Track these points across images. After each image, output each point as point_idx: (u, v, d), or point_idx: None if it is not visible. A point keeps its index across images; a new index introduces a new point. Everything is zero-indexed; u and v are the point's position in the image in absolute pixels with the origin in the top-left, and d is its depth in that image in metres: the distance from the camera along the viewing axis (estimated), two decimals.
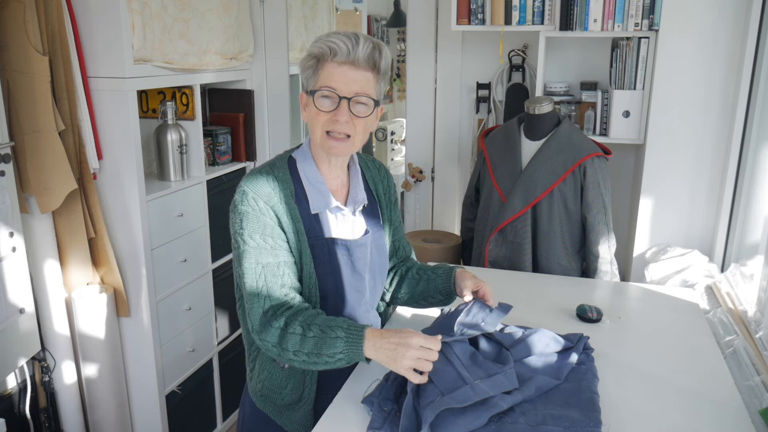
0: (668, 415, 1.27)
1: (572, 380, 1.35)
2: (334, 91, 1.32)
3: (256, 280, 1.33)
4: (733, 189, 2.42)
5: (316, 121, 1.35)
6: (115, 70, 2.07)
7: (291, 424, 1.50)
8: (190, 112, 2.48)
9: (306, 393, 1.46)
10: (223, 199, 2.67)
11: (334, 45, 1.30)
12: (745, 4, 2.33)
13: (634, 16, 2.45)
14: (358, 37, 1.31)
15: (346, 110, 1.32)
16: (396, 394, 1.28)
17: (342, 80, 1.31)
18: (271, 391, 1.47)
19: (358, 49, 1.30)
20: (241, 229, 1.34)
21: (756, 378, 1.58)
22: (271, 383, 1.47)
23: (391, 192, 1.60)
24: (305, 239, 1.39)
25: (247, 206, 1.34)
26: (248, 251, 1.33)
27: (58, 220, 2.12)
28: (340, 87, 1.31)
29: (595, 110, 2.68)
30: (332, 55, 1.31)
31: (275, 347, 1.30)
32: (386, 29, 5.22)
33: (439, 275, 1.55)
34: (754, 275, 2.11)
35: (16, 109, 1.95)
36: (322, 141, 1.37)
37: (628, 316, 1.75)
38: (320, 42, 1.33)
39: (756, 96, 2.30)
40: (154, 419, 2.43)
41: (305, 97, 1.38)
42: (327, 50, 1.31)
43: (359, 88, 1.32)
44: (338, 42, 1.30)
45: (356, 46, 1.30)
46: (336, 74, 1.31)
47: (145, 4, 2.11)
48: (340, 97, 1.32)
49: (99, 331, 2.22)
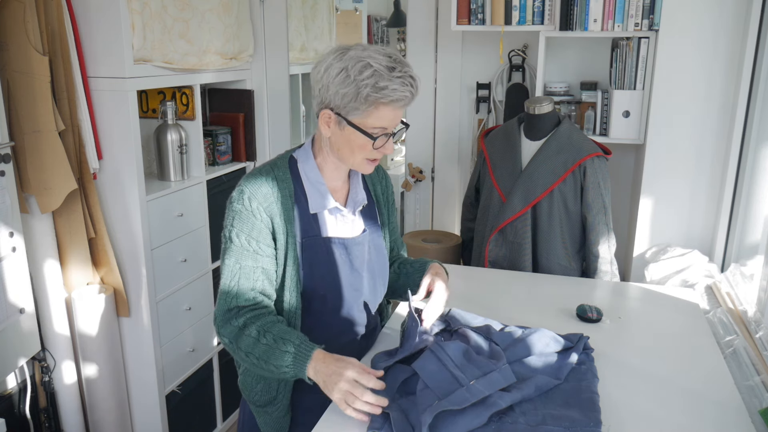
0: (668, 415, 1.27)
1: (572, 380, 1.35)
2: (386, 131, 1.34)
3: (231, 278, 1.37)
4: (733, 189, 2.42)
5: (359, 150, 1.36)
6: (115, 70, 2.07)
7: (265, 425, 1.50)
8: (190, 112, 2.48)
9: (279, 397, 1.46)
10: (223, 199, 2.67)
11: (401, 97, 1.29)
12: (745, 4, 2.33)
13: (634, 16, 2.45)
14: (414, 80, 1.31)
15: (392, 142, 1.38)
16: (394, 397, 1.28)
17: (394, 120, 1.34)
18: (245, 389, 1.50)
19: (416, 95, 1.33)
20: (231, 226, 1.38)
21: (756, 378, 1.58)
22: (243, 381, 1.49)
23: (389, 193, 1.61)
24: (295, 241, 1.40)
25: (240, 205, 1.38)
26: (232, 249, 1.38)
27: (58, 220, 2.12)
28: (390, 126, 1.35)
29: (595, 110, 2.68)
30: (397, 102, 1.30)
31: (231, 344, 1.35)
32: (386, 29, 5.22)
33: (416, 269, 1.60)
34: (754, 275, 2.11)
35: (16, 109, 1.95)
36: (360, 165, 1.39)
37: (628, 316, 1.75)
38: (387, 92, 1.28)
39: (756, 96, 2.30)
40: (154, 419, 2.43)
41: (335, 117, 1.34)
42: (394, 98, 1.29)
43: (400, 119, 1.37)
44: (406, 94, 1.29)
45: (415, 93, 1.32)
46: (391, 117, 1.33)
47: (145, 4, 2.11)
48: (389, 134, 1.35)
49: (99, 331, 2.22)
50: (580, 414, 1.22)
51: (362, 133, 1.33)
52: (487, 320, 1.56)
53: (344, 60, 1.29)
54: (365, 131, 1.32)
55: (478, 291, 1.95)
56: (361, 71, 1.27)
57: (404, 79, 1.28)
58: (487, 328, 1.49)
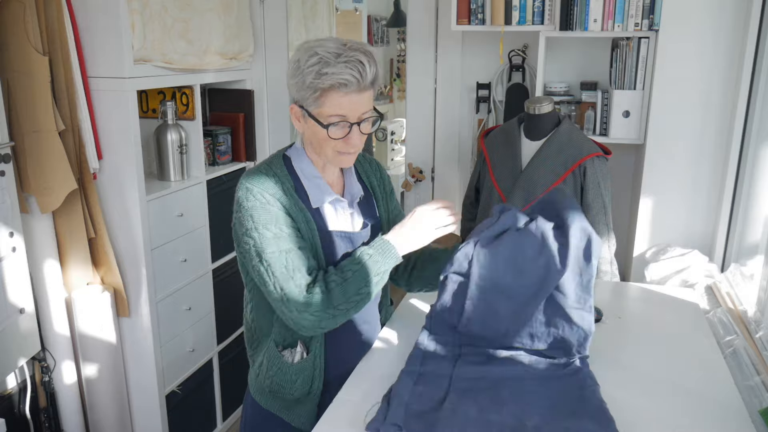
0: (668, 415, 1.27)
1: (571, 387, 1.33)
2: (345, 120, 1.33)
3: (285, 265, 1.32)
4: (733, 189, 2.42)
5: (326, 144, 1.36)
6: (115, 70, 2.07)
7: (298, 418, 1.51)
8: (190, 112, 2.48)
9: (315, 386, 1.47)
10: (223, 199, 2.67)
11: (343, 81, 1.28)
12: (745, 4, 2.33)
13: (634, 16, 2.45)
14: (363, 64, 1.29)
15: (358, 134, 1.35)
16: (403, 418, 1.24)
17: (350, 108, 1.32)
18: (281, 387, 1.47)
19: (366, 78, 1.30)
20: (253, 223, 1.34)
21: (756, 378, 1.58)
22: (281, 378, 1.46)
23: (386, 183, 1.61)
24: (315, 227, 1.40)
25: (254, 201, 1.35)
26: (267, 241, 1.33)
27: (58, 220, 2.12)
28: (349, 115, 1.32)
29: (595, 110, 2.68)
30: (340, 87, 1.29)
31: (323, 313, 1.31)
32: (386, 29, 5.22)
33: (441, 253, 1.59)
34: (754, 275, 2.11)
35: (16, 109, 1.95)
36: (333, 158, 1.39)
37: (628, 316, 1.74)
38: (328, 77, 1.28)
39: (756, 96, 2.30)
40: (154, 419, 2.43)
41: (299, 110, 1.37)
42: (336, 85, 1.29)
43: (364, 108, 1.34)
44: (347, 77, 1.28)
45: (364, 75, 1.29)
46: (344, 103, 1.31)
47: (145, 4, 2.11)
48: (351, 124, 1.33)
49: (99, 331, 2.22)
50: (595, 425, 1.18)
51: (318, 123, 1.33)
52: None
53: (298, 52, 1.33)
54: (320, 121, 1.33)
55: None
56: (308, 59, 1.29)
57: (349, 63, 1.28)
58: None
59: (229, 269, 2.79)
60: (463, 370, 1.35)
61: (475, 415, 1.21)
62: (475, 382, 1.32)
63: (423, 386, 1.30)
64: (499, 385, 1.30)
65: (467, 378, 1.33)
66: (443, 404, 1.24)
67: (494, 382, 1.32)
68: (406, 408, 1.22)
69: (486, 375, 1.35)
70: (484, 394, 1.27)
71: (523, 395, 1.28)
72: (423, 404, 1.24)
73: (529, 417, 1.21)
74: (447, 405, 1.23)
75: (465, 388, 1.29)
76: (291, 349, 1.46)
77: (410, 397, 1.26)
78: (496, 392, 1.28)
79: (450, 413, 1.21)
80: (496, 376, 1.34)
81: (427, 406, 1.24)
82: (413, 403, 1.24)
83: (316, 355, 1.45)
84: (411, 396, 1.27)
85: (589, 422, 1.19)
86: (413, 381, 1.32)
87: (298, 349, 1.45)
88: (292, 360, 1.45)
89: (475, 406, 1.23)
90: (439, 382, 1.31)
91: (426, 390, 1.29)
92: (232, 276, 2.79)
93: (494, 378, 1.34)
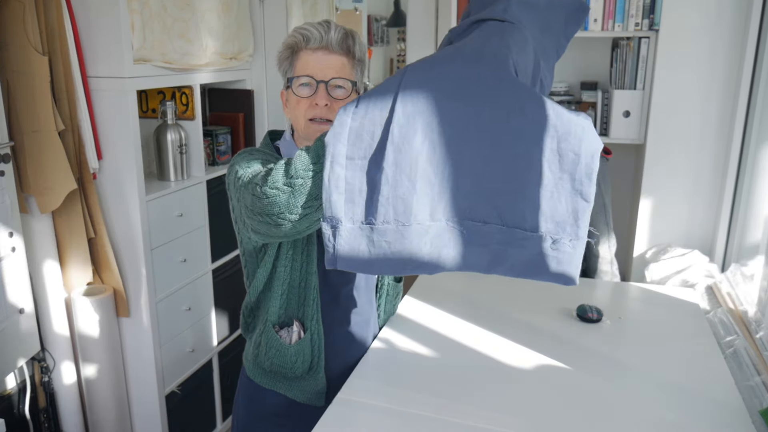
0: (668, 415, 1.27)
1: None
2: (311, 77, 1.35)
3: (249, 165, 1.25)
4: (734, 189, 2.42)
5: (297, 110, 1.38)
6: (114, 70, 2.07)
7: (304, 394, 1.51)
8: (190, 112, 2.48)
9: (315, 362, 1.47)
10: (223, 199, 2.67)
11: (306, 32, 1.35)
12: (745, 4, 2.32)
13: (635, 16, 2.45)
14: (329, 23, 1.36)
15: (325, 93, 1.35)
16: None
17: (317, 65, 1.35)
18: (282, 367, 1.48)
19: (331, 34, 1.35)
20: (238, 167, 1.26)
21: (756, 378, 1.58)
22: (281, 360, 1.47)
23: None
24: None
25: (241, 158, 1.31)
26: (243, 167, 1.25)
27: (58, 220, 2.12)
28: (316, 72, 1.35)
29: (595, 110, 2.67)
30: (305, 42, 1.35)
31: (284, 185, 1.08)
32: (386, 29, 5.22)
33: None
34: (755, 275, 2.11)
35: (16, 109, 1.95)
36: (306, 129, 1.38)
37: (628, 316, 1.74)
38: (293, 32, 1.38)
39: (756, 96, 2.30)
40: (154, 419, 2.43)
41: (285, 93, 1.43)
42: (300, 38, 1.35)
43: (335, 72, 1.35)
44: (310, 29, 1.35)
45: (328, 31, 1.35)
46: (311, 61, 1.35)
47: (145, 4, 2.11)
48: (318, 82, 1.35)
49: (99, 331, 2.22)
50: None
51: (290, 88, 1.37)
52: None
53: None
54: (292, 86, 1.37)
55: (478, 291, 1.94)
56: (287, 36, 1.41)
57: (316, 23, 1.36)
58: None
59: (229, 269, 2.79)
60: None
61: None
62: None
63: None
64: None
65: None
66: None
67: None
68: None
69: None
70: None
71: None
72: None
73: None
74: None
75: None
76: (288, 328, 1.46)
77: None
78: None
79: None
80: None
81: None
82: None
83: (313, 332, 1.45)
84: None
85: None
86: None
87: (295, 328, 1.45)
88: (290, 340, 1.45)
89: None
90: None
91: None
92: (232, 276, 2.78)
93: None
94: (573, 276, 1.01)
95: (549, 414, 1.30)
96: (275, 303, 1.45)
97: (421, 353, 1.56)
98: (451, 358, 1.54)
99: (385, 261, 1.00)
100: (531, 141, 0.95)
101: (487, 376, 1.46)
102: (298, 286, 1.44)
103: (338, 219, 0.99)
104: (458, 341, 1.61)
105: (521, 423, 1.27)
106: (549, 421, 1.28)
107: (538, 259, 0.99)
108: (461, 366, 1.51)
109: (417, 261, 1.00)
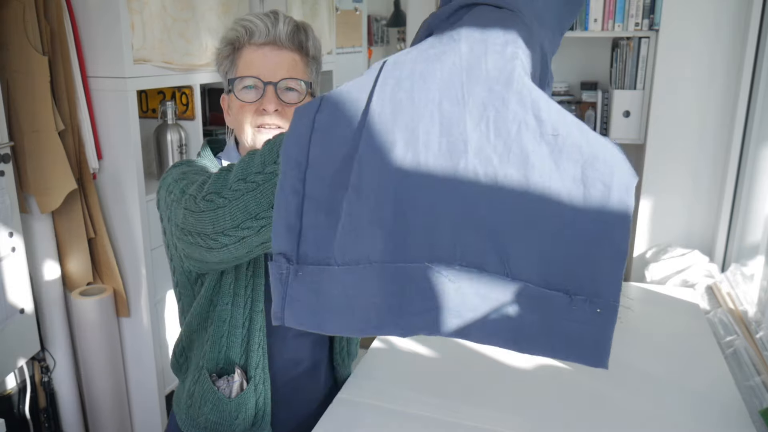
0: (668, 415, 1.27)
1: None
2: (257, 78, 1.13)
3: (185, 178, 1.07)
4: (734, 189, 2.41)
5: (242, 117, 1.15)
6: (114, 70, 2.07)
7: None
8: (190, 111, 2.48)
9: (259, 417, 1.23)
10: None
11: (250, 25, 1.13)
12: (745, 4, 2.32)
13: (635, 16, 2.45)
14: (276, 14, 1.14)
15: (274, 97, 1.13)
16: None
17: (264, 64, 1.13)
18: (219, 425, 1.23)
19: (279, 27, 1.13)
20: (176, 188, 1.05)
21: (756, 378, 1.58)
22: (217, 416, 1.22)
23: None
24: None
25: (180, 182, 1.07)
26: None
27: (58, 220, 2.12)
28: (262, 72, 1.13)
29: (595, 110, 2.68)
30: (249, 36, 1.13)
31: (221, 196, 0.88)
32: (386, 29, 5.22)
33: None
34: (755, 275, 2.11)
35: (16, 109, 1.95)
36: (253, 139, 1.15)
37: (628, 316, 1.74)
38: (233, 24, 1.16)
39: (756, 96, 2.30)
40: (154, 419, 2.43)
41: (227, 99, 1.20)
42: (243, 32, 1.14)
43: (286, 72, 1.14)
44: (255, 20, 1.13)
45: (276, 23, 1.13)
46: (256, 58, 1.13)
47: (145, 4, 2.11)
48: (265, 83, 1.13)
49: (99, 331, 2.22)
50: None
51: (233, 92, 1.15)
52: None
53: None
54: (234, 89, 1.15)
55: None
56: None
57: (263, 14, 1.14)
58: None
59: None
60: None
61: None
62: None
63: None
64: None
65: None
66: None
67: None
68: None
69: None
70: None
71: None
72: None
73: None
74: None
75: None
76: (228, 377, 1.22)
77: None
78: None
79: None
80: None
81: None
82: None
83: (258, 382, 1.20)
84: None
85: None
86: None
87: (236, 378, 1.20)
88: (230, 393, 1.21)
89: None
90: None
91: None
92: None
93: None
94: (600, 355, 0.67)
95: (549, 414, 1.30)
96: (214, 347, 1.20)
97: (421, 353, 1.56)
98: (452, 358, 1.54)
99: (355, 315, 0.72)
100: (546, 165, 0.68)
101: (487, 376, 1.46)
102: (242, 327, 1.19)
103: (291, 255, 0.70)
104: (458, 341, 1.61)
105: (521, 423, 1.27)
106: (549, 421, 1.28)
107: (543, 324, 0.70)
108: (461, 366, 1.51)
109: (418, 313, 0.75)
